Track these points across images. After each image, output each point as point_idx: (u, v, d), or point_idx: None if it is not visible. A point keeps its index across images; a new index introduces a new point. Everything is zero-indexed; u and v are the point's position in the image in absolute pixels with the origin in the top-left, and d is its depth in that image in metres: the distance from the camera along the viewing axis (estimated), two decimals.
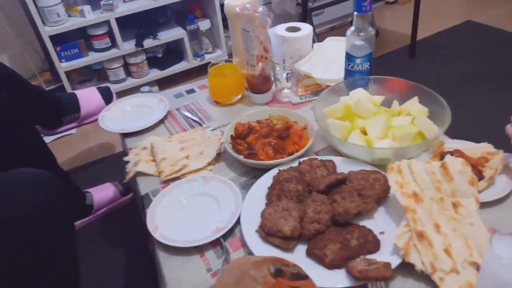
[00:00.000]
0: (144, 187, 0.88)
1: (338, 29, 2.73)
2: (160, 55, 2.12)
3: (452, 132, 0.88)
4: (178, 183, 0.85)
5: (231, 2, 1.05)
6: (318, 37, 2.42)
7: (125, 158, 0.96)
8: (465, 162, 0.68)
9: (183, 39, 2.08)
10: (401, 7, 2.96)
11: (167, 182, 0.87)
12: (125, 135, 1.05)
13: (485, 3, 2.91)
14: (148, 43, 2.01)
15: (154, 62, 2.14)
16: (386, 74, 0.96)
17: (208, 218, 0.75)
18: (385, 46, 2.49)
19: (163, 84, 2.19)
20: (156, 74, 2.13)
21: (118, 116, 1.11)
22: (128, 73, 2.09)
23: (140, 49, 2.00)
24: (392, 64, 2.29)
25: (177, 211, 0.78)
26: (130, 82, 2.09)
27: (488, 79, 2.08)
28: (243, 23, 0.98)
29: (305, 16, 2.18)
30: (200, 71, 2.17)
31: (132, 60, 2.02)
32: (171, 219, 0.76)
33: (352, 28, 0.93)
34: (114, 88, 2.02)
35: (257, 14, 0.95)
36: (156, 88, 2.15)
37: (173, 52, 2.19)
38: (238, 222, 0.74)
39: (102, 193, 1.43)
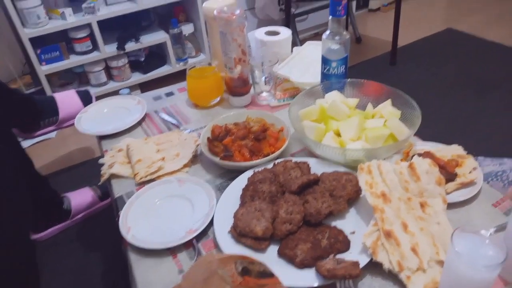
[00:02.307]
0: (118, 189, 0.87)
1: (321, 35, 2.76)
2: (142, 59, 2.12)
3: (427, 134, 0.90)
4: (152, 185, 0.84)
5: (209, 5, 1.05)
6: (302, 43, 2.45)
7: (100, 161, 0.95)
8: (432, 163, 0.69)
9: (166, 42, 2.08)
10: (383, 15, 3.02)
11: (142, 184, 0.87)
12: (102, 138, 1.04)
13: (465, 12, 2.98)
14: (130, 46, 2.00)
15: (136, 65, 2.13)
16: (367, 79, 0.98)
17: (181, 220, 0.75)
18: (368, 52, 2.53)
19: (145, 88, 2.18)
20: (138, 77, 2.12)
21: (95, 119, 1.10)
22: (110, 77, 2.08)
23: (122, 52, 1.99)
24: (374, 70, 2.33)
25: (150, 213, 0.78)
26: (112, 85, 2.07)
27: (466, 85, 2.13)
28: (221, 26, 0.99)
29: (288, 21, 2.20)
30: (183, 75, 2.14)
31: (113, 64, 2.01)
32: (144, 221, 0.76)
33: (328, 32, 0.95)
34: (95, 91, 2.01)
35: (234, 17, 0.96)
36: (138, 91, 2.14)
37: (156, 55, 2.19)
38: (211, 223, 0.74)
39: (80, 198, 1.41)
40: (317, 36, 2.74)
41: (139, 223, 0.75)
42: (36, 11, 1.76)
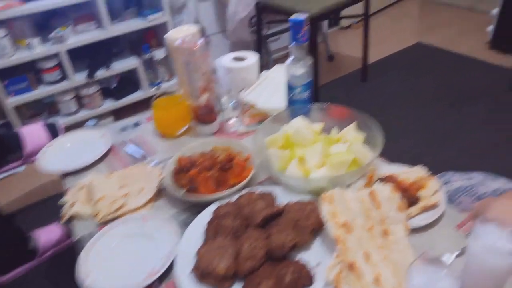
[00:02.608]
0: (80, 230, 0.84)
1: None
2: (114, 85, 2.09)
3: (398, 150, 0.90)
4: (114, 224, 0.81)
5: (171, 35, 1.05)
6: (275, 62, 2.47)
7: (62, 200, 0.92)
8: (393, 189, 0.69)
9: (138, 68, 2.07)
10: (355, 32, 3.08)
11: (104, 223, 0.84)
12: (65, 175, 1.01)
13: (433, 26, 3.07)
14: (101, 74, 1.98)
15: (108, 92, 2.11)
16: (340, 97, 0.98)
17: (144, 261, 0.73)
18: (339, 70, 2.57)
19: (119, 114, 2.15)
20: (110, 104, 2.09)
21: (59, 155, 1.07)
22: (81, 105, 2.05)
23: (92, 80, 1.96)
24: (346, 87, 2.36)
25: (111, 255, 0.75)
26: (83, 114, 2.04)
27: (437, 99, 2.18)
28: (184, 56, 0.98)
29: (260, 43, 2.22)
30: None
31: (84, 92, 1.98)
32: (104, 264, 0.73)
33: (291, 58, 0.95)
34: (66, 121, 1.98)
35: (197, 47, 0.95)
36: (111, 118, 2.11)
37: (129, 81, 2.17)
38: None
39: (48, 235, 1.36)
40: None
41: (99, 267, 0.72)
42: (1, 42, 1.73)
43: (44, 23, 1.94)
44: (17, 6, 1.74)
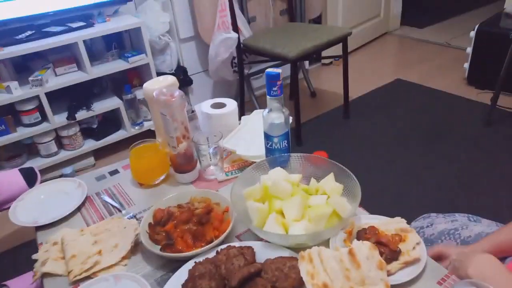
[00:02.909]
0: None
1: None
2: (95, 126, 2.07)
3: (376, 195, 0.89)
4: (86, 285, 0.78)
5: (149, 86, 1.05)
6: (258, 99, 2.50)
7: (33, 256, 0.88)
8: (372, 246, 0.68)
9: (120, 108, 2.06)
10: (336, 68, 3.16)
11: (76, 283, 0.80)
12: (38, 228, 0.97)
13: (412, 62, 3.18)
14: (82, 115, 1.96)
15: (89, 132, 2.08)
16: (323, 135, 0.99)
17: None
18: (322, 106, 2.61)
19: (100, 154, 2.12)
20: (91, 145, 2.07)
21: (32, 206, 1.03)
22: (61, 146, 2.01)
23: (72, 121, 1.94)
24: (328, 125, 2.38)
25: None
26: (63, 155, 2.00)
27: (417, 136, 2.22)
28: (161, 108, 0.98)
29: (242, 82, 2.25)
30: (139, 139, 2.13)
31: (64, 133, 1.96)
32: None
33: (267, 110, 0.96)
34: (46, 162, 1.94)
35: (174, 99, 0.95)
36: (91, 159, 2.08)
37: (110, 121, 2.16)
38: None
39: (22, 286, 1.29)
40: None
41: None
42: None
43: (23, 66, 1.93)
44: None
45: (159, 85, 1.04)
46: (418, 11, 3.93)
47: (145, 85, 1.07)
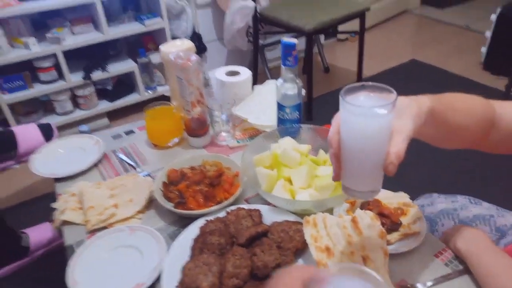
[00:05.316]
0: (69, 237, 0.86)
1: None
2: (110, 87, 2.11)
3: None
4: (103, 234, 0.83)
5: (166, 49, 1.07)
6: (271, 71, 2.50)
7: (53, 205, 0.94)
8: (374, 216, 0.72)
9: (134, 72, 2.08)
10: (351, 44, 3.12)
11: (93, 231, 0.85)
12: (56, 179, 1.02)
13: (428, 42, 3.12)
14: (97, 75, 1.99)
15: (103, 94, 2.12)
16: (334, 111, 1.00)
17: (130, 273, 0.74)
18: (335, 82, 2.61)
19: (113, 116, 2.16)
20: (105, 106, 2.10)
21: (51, 159, 1.08)
22: (76, 105, 2.06)
23: (88, 81, 1.97)
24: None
25: (98, 265, 0.77)
26: (78, 114, 2.05)
27: None
28: (177, 71, 1.00)
29: (256, 52, 2.25)
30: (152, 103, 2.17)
31: (80, 92, 1.99)
32: (91, 274, 0.75)
33: (281, 79, 0.98)
34: (61, 120, 1.99)
35: (191, 64, 0.98)
36: (105, 120, 2.12)
37: (124, 84, 2.18)
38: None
39: (40, 234, 1.37)
40: None
41: (86, 277, 0.74)
42: None
43: (41, 23, 1.94)
44: (14, 5, 1.75)
45: (176, 49, 1.06)
46: None
47: (162, 47, 1.09)
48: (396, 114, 0.54)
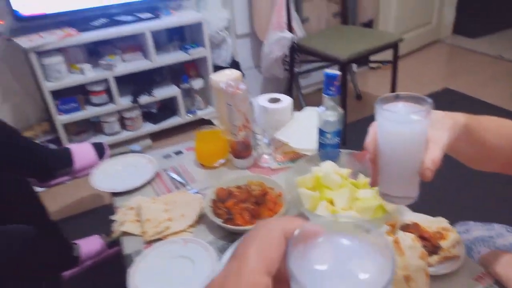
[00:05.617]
0: (128, 246, 0.94)
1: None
2: (154, 110, 2.25)
3: (419, 202, 0.97)
4: (159, 245, 0.91)
5: (216, 78, 1.17)
6: (305, 97, 2.59)
7: (112, 217, 1.03)
8: (415, 238, 0.76)
9: (177, 97, 2.22)
10: (383, 72, 3.17)
11: (150, 242, 0.94)
12: (114, 194, 1.12)
13: (461, 71, 3.13)
14: (144, 99, 2.13)
15: (148, 116, 2.26)
16: (366, 137, 1.05)
17: (184, 282, 0.81)
18: (366, 109, 2.66)
19: (156, 137, 2.29)
20: (149, 128, 2.24)
21: (109, 175, 1.19)
22: (123, 126, 2.20)
23: (136, 105, 2.12)
24: None
25: (156, 274, 0.84)
26: (124, 135, 2.19)
27: None
28: (227, 99, 1.10)
29: (291, 80, 2.35)
30: (192, 126, 2.29)
31: (127, 115, 2.14)
32: (149, 282, 0.82)
33: (323, 107, 1.05)
34: (108, 140, 2.13)
35: (240, 92, 1.07)
36: (148, 140, 2.25)
37: (167, 107, 2.32)
38: None
39: (89, 245, 1.47)
40: (319, 91, 2.88)
41: (145, 284, 0.82)
42: (58, 66, 1.91)
43: (93, 50, 2.13)
44: (74, 35, 1.93)
45: (225, 78, 1.16)
46: (472, 20, 3.83)
47: (212, 76, 1.19)
48: (431, 125, 0.57)
